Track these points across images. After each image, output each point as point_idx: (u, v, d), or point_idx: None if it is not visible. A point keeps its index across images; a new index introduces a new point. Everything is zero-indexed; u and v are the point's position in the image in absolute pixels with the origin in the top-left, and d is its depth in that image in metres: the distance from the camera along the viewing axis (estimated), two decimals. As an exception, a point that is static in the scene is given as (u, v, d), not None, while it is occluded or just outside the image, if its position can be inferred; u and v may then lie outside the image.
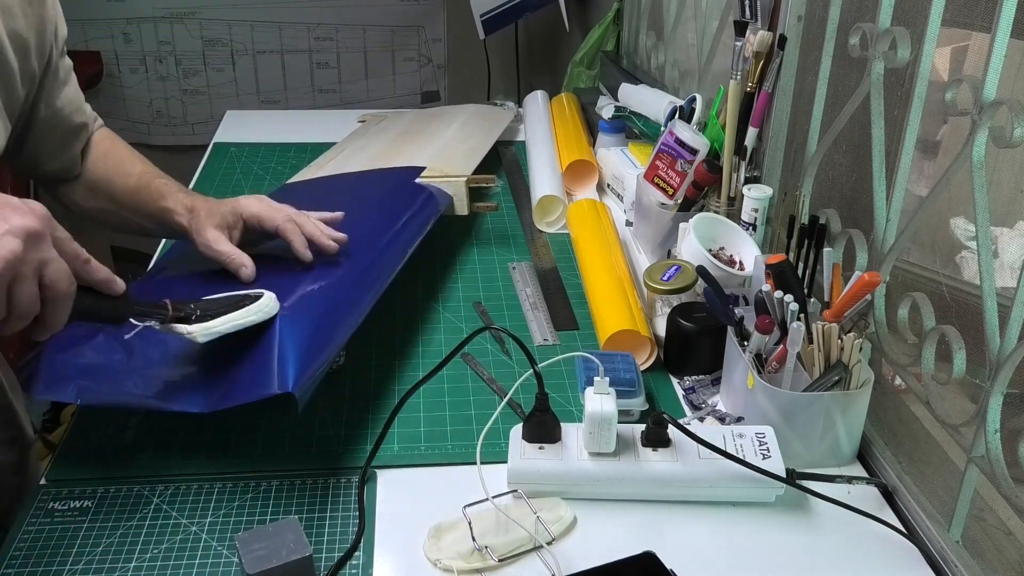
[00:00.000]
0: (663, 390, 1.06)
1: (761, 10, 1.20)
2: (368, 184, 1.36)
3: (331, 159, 1.55)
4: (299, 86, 2.92)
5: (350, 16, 2.86)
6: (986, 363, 0.78)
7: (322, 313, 0.95)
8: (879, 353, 0.97)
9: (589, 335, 1.15)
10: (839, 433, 0.92)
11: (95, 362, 0.91)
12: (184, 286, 1.04)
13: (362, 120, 1.84)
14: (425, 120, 1.70)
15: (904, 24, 0.93)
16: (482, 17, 2.43)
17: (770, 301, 0.93)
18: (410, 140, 1.57)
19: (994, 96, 0.78)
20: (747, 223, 1.17)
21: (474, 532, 0.80)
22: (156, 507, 0.86)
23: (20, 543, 0.82)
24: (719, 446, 0.86)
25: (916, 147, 0.91)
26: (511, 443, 0.89)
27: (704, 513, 0.87)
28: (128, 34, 2.78)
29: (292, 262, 1.03)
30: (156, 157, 1.22)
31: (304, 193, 1.40)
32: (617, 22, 2.09)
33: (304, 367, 0.86)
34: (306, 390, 0.86)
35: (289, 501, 0.87)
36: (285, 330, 0.89)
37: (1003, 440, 0.77)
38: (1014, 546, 0.78)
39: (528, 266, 1.32)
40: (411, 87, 2.99)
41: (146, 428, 0.96)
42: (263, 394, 0.84)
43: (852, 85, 1.02)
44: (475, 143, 1.54)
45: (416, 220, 1.22)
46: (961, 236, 0.88)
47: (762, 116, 1.20)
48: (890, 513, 0.89)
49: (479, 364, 1.08)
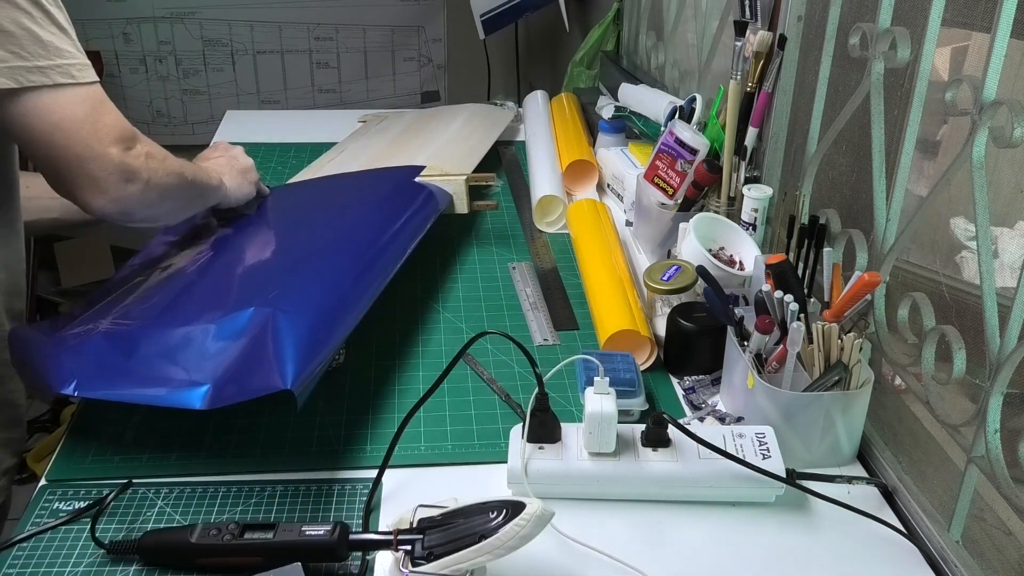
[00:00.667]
0: (663, 390, 1.06)
1: (761, 10, 1.20)
2: (368, 183, 1.37)
3: (332, 159, 1.55)
4: (299, 86, 2.92)
5: (350, 16, 2.86)
6: (986, 363, 0.78)
7: (321, 311, 0.95)
8: (879, 353, 0.97)
9: (589, 335, 1.15)
10: (839, 433, 0.92)
11: (96, 358, 0.92)
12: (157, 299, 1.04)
13: (363, 120, 1.84)
14: (425, 120, 1.70)
15: (904, 24, 0.93)
16: (482, 17, 2.43)
17: (770, 301, 0.93)
18: (410, 139, 1.57)
19: (994, 96, 0.78)
20: (747, 223, 1.17)
21: None
22: (160, 510, 0.86)
23: (22, 543, 0.82)
24: (719, 446, 0.86)
25: (916, 147, 0.91)
26: (511, 443, 0.89)
27: (704, 513, 0.87)
28: (128, 34, 2.78)
29: (290, 258, 1.03)
30: (156, 157, 1.21)
31: (304, 192, 1.40)
32: (617, 22, 2.09)
33: (303, 365, 0.86)
34: (305, 388, 0.86)
35: (293, 505, 0.87)
36: (285, 328, 0.89)
37: (1003, 440, 0.77)
38: (1014, 546, 0.78)
39: (528, 266, 1.32)
40: (411, 87, 2.99)
41: (146, 428, 0.96)
42: (262, 391, 0.84)
43: (852, 85, 1.02)
44: (475, 142, 1.54)
45: (416, 218, 1.22)
46: (961, 236, 0.88)
47: (762, 116, 1.20)
48: (890, 513, 0.89)
49: (479, 364, 1.09)
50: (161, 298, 1.03)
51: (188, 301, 1.01)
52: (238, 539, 0.77)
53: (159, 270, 1.12)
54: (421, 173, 1.34)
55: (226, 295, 1.01)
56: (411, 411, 0.91)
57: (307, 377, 0.86)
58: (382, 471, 0.89)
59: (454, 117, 1.69)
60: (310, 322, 0.92)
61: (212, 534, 0.77)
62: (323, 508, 0.87)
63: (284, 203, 1.36)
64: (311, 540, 0.76)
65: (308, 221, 1.26)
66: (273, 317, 0.90)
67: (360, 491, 0.89)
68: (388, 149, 1.53)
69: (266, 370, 0.85)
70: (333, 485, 0.90)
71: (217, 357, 0.88)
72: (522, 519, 0.71)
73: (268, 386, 0.84)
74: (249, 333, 0.89)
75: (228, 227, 1.22)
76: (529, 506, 0.72)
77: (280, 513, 0.86)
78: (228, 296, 1.01)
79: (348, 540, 0.77)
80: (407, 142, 1.55)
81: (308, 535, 0.76)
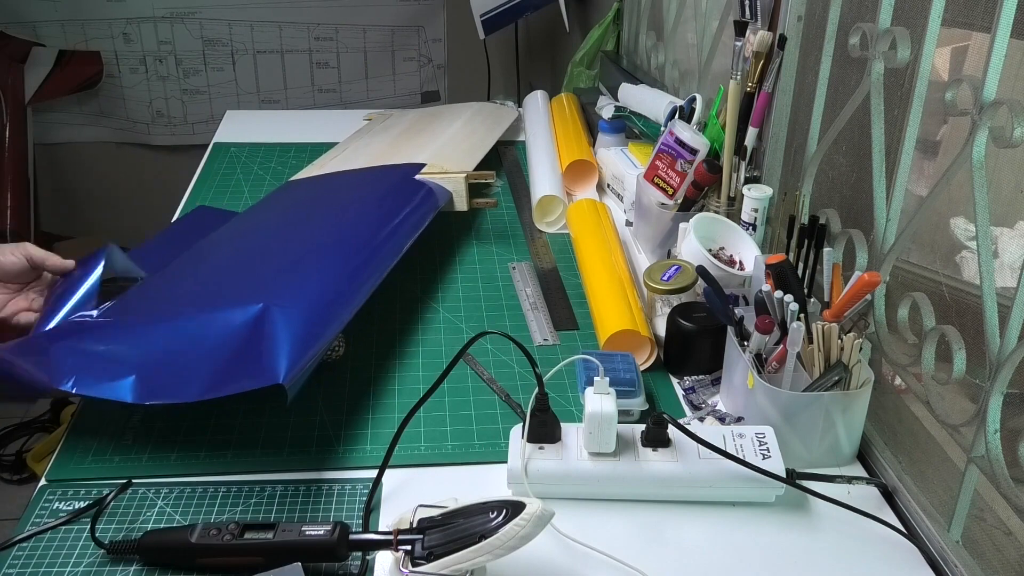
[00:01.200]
0: (663, 390, 1.06)
1: (761, 10, 1.20)
2: (368, 181, 1.37)
3: (334, 157, 1.56)
4: (299, 86, 2.93)
5: (350, 16, 2.86)
6: (986, 363, 0.78)
7: (316, 306, 0.95)
8: (879, 353, 0.97)
9: (589, 335, 1.16)
10: (839, 433, 0.92)
11: (90, 350, 0.91)
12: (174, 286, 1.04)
13: (368, 119, 1.84)
14: (428, 118, 1.71)
15: (904, 24, 0.93)
16: (482, 17, 2.43)
17: (770, 301, 0.93)
18: (412, 138, 1.57)
19: (994, 96, 0.78)
20: (747, 223, 1.17)
21: None
22: (160, 510, 0.86)
23: (22, 543, 0.82)
24: (719, 446, 0.86)
25: (916, 147, 0.91)
26: (511, 443, 0.89)
27: (704, 513, 0.87)
28: (128, 34, 2.78)
29: (288, 254, 1.04)
30: (156, 157, 1.22)
31: (305, 191, 1.41)
32: (617, 22, 2.09)
33: (296, 359, 0.87)
34: (296, 382, 0.86)
35: (293, 505, 0.87)
36: (280, 322, 0.89)
37: (1003, 440, 0.77)
38: (1014, 546, 0.78)
39: (528, 266, 1.32)
40: (411, 87, 3.00)
41: (146, 428, 0.96)
42: (255, 385, 0.84)
43: (852, 85, 1.02)
44: (477, 140, 1.55)
45: (414, 215, 1.23)
46: (961, 236, 0.88)
47: (762, 116, 1.20)
48: (890, 513, 0.89)
49: (479, 364, 1.09)
50: (156, 293, 1.03)
51: (184, 295, 1.02)
52: (238, 539, 0.77)
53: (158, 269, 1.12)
54: (422, 171, 1.34)
55: (222, 290, 1.01)
56: (411, 411, 0.91)
57: (298, 372, 0.87)
58: (382, 471, 0.89)
59: (457, 116, 1.69)
60: (304, 316, 0.92)
61: (212, 534, 0.77)
62: (323, 508, 0.87)
63: (285, 200, 1.37)
64: (311, 540, 0.76)
65: (307, 217, 1.26)
66: (268, 311, 0.90)
67: (360, 491, 0.89)
68: (390, 148, 1.53)
69: (259, 364, 0.85)
70: (333, 485, 0.90)
71: (212, 351, 0.88)
72: (522, 519, 0.71)
73: (261, 380, 0.84)
74: (244, 327, 0.89)
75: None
76: (529, 506, 0.72)
77: (280, 513, 0.86)
78: (224, 291, 1.01)
79: (348, 540, 0.77)
80: (409, 140, 1.56)
81: (308, 535, 0.76)
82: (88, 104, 2.83)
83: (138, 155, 2.93)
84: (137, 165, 2.94)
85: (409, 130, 1.63)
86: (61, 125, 2.86)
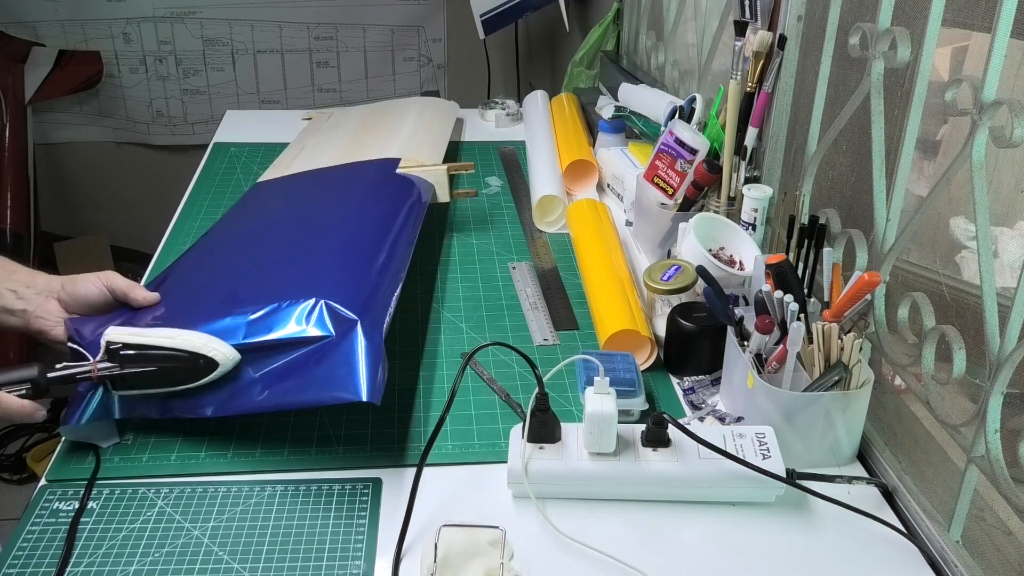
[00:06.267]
0: (663, 390, 1.06)
1: (761, 10, 1.20)
2: (351, 178, 1.36)
3: (295, 156, 1.53)
4: (299, 86, 2.93)
5: (350, 16, 2.86)
6: (986, 363, 0.78)
7: (379, 314, 0.98)
8: (879, 353, 0.97)
9: (589, 335, 1.16)
10: (839, 433, 0.92)
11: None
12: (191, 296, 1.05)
13: (307, 118, 1.83)
14: (379, 114, 1.70)
15: (904, 24, 0.93)
16: (482, 17, 2.43)
17: (770, 301, 0.94)
18: (371, 133, 1.56)
19: (994, 96, 0.78)
20: (747, 223, 1.17)
21: (438, 555, 0.78)
22: (160, 510, 0.86)
23: (23, 543, 0.82)
24: (719, 446, 0.86)
25: (916, 147, 0.91)
26: (511, 443, 0.89)
27: (704, 513, 0.87)
28: (128, 34, 2.78)
29: (306, 256, 1.04)
30: (156, 157, 1.22)
31: (282, 192, 1.39)
32: (617, 22, 2.09)
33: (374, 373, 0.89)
34: (377, 390, 0.88)
35: (293, 504, 0.87)
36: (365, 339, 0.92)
37: (1003, 440, 0.77)
38: (1014, 546, 0.78)
39: (528, 266, 1.32)
40: (411, 87, 3.00)
41: (146, 428, 0.96)
42: (341, 400, 0.87)
43: (852, 85, 1.02)
44: (436, 133, 1.57)
45: (414, 210, 1.23)
46: (961, 236, 0.88)
47: (762, 116, 1.20)
48: (890, 513, 0.89)
49: (479, 364, 1.09)
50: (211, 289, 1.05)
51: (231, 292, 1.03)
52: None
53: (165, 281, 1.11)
54: (400, 165, 1.34)
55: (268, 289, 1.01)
56: (440, 419, 0.89)
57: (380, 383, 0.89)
58: (420, 470, 0.87)
59: (407, 109, 1.69)
60: (379, 329, 0.95)
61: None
62: (323, 508, 0.87)
63: (270, 203, 1.35)
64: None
65: (307, 218, 1.24)
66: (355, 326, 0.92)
67: (360, 491, 0.89)
68: (353, 143, 1.52)
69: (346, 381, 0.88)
70: (333, 485, 0.90)
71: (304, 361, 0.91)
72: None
73: (347, 396, 0.87)
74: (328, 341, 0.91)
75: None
76: None
77: (280, 513, 0.86)
78: (270, 291, 1.00)
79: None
80: (369, 135, 1.55)
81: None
82: (88, 104, 2.83)
83: (138, 155, 2.93)
84: (137, 165, 2.94)
85: (364, 126, 1.62)
86: (61, 125, 2.86)
